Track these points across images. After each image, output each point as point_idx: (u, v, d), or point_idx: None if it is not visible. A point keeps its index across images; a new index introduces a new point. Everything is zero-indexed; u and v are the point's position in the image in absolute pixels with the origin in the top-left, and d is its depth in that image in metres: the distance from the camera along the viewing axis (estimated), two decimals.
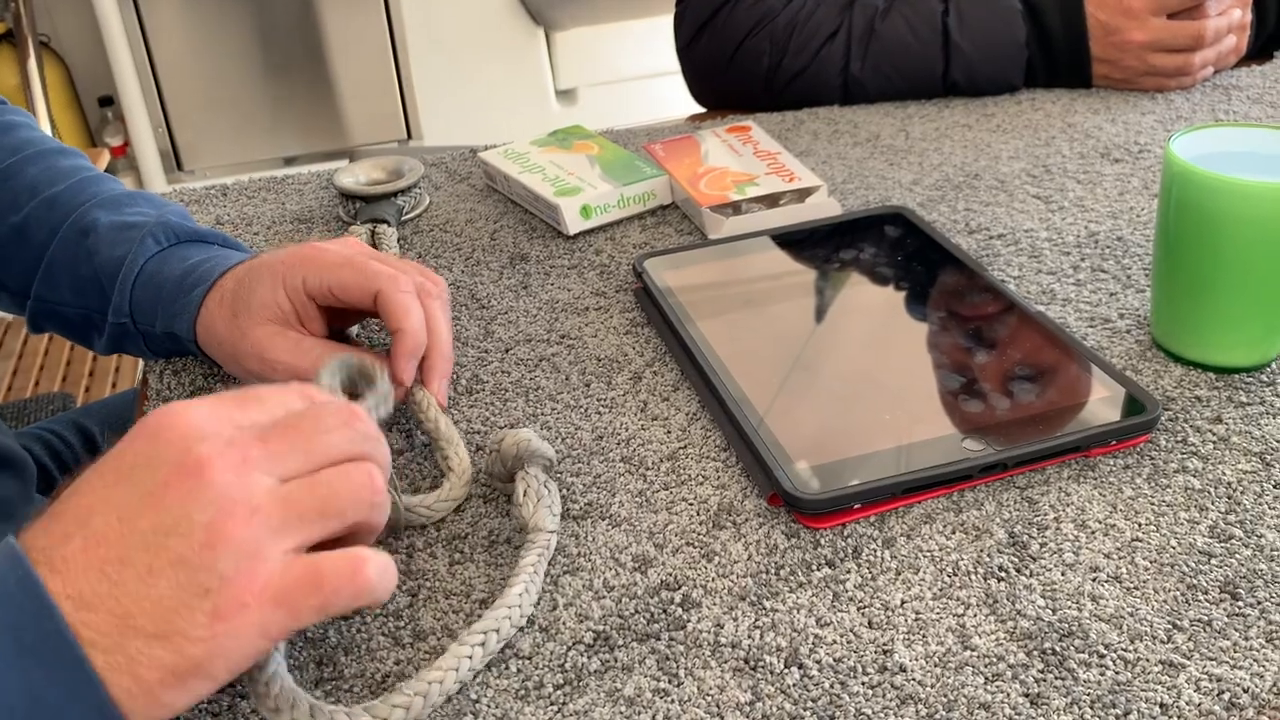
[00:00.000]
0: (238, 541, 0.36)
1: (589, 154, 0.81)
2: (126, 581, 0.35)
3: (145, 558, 0.35)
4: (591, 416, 0.57)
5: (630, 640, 0.44)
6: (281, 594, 0.36)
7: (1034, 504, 0.49)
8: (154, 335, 0.61)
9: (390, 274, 0.55)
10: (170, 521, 0.36)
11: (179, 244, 0.63)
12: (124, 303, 0.61)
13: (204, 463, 0.36)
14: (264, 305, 0.56)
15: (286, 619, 0.37)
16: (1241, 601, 0.44)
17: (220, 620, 0.35)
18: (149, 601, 0.35)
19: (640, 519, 0.50)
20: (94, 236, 0.63)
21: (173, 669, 0.35)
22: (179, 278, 0.60)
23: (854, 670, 0.42)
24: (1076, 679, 0.41)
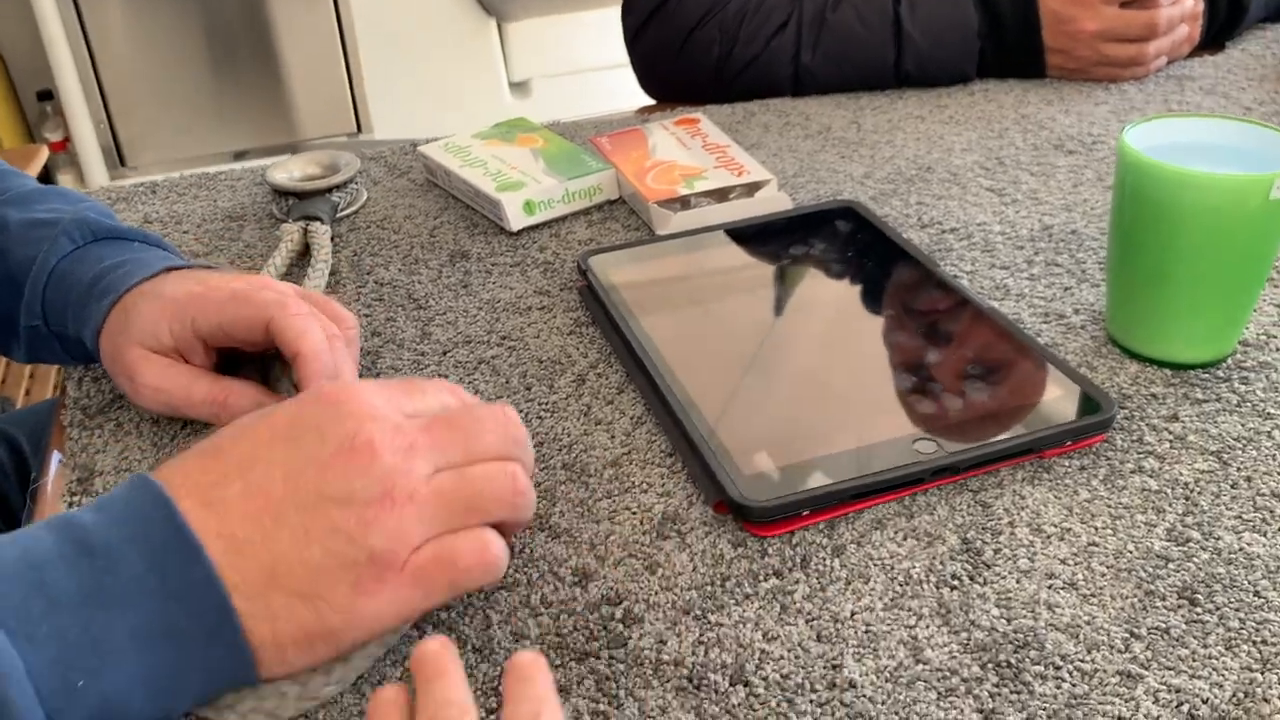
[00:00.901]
0: (392, 522, 0.38)
1: (533, 147, 0.78)
2: (282, 538, 0.37)
3: (303, 519, 0.37)
4: (532, 421, 0.55)
5: (568, 660, 0.42)
6: (419, 573, 0.38)
7: (987, 508, 0.48)
8: (67, 338, 0.58)
9: (278, 300, 0.52)
10: (334, 491, 0.38)
11: (95, 242, 0.59)
12: (36, 304, 0.58)
13: (374, 442, 0.39)
14: (142, 333, 0.53)
15: (422, 597, 0.39)
16: (1200, 607, 0.42)
17: (361, 593, 0.37)
18: (300, 563, 0.37)
19: (581, 529, 0.48)
20: (4, 235, 0.59)
21: (308, 631, 0.37)
22: (90, 281, 0.56)
23: (801, 687, 0.40)
24: (1032, 693, 0.39)
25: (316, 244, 0.69)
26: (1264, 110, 0.84)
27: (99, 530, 0.36)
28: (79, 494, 0.52)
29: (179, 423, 0.56)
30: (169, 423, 0.56)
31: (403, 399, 0.42)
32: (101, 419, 0.57)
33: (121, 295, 0.55)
